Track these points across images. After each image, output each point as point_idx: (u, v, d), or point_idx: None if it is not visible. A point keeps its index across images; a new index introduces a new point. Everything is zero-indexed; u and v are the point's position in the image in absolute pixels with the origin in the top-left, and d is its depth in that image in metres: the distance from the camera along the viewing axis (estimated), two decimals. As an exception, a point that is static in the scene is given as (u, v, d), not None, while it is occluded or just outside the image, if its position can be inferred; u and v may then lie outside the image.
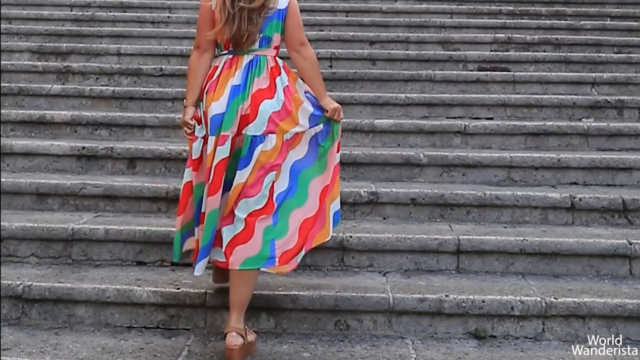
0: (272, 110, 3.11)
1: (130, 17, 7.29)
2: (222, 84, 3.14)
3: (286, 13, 3.21)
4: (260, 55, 3.19)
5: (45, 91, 5.68)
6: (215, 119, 3.10)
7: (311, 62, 3.27)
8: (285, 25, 3.22)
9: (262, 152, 3.07)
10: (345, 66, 6.26)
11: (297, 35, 3.24)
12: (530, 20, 7.38)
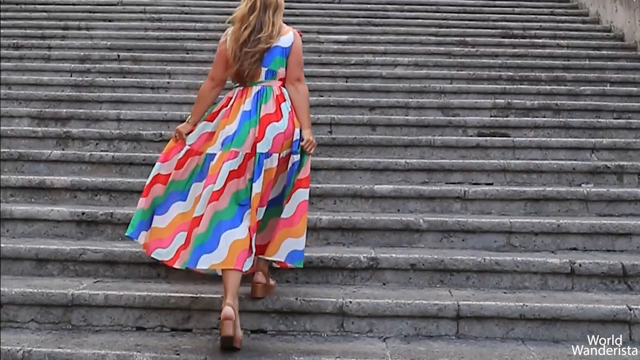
0: (278, 131, 3.87)
1: (130, 82, 7.59)
2: (235, 110, 3.92)
3: (289, 51, 4.01)
4: (267, 86, 3.96)
5: (45, 157, 5.91)
6: (227, 139, 3.85)
7: (303, 96, 4.04)
8: (287, 61, 4.00)
9: (265, 170, 3.81)
10: (345, 131, 6.52)
11: (295, 72, 4.03)
12: (530, 86, 7.68)
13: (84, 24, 9.29)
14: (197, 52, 8.46)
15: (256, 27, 3.93)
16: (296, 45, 4.03)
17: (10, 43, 8.59)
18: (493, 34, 9.28)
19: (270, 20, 3.97)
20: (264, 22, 3.95)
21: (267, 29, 3.94)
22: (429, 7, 10.30)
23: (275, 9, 4.01)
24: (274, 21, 3.98)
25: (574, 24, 9.84)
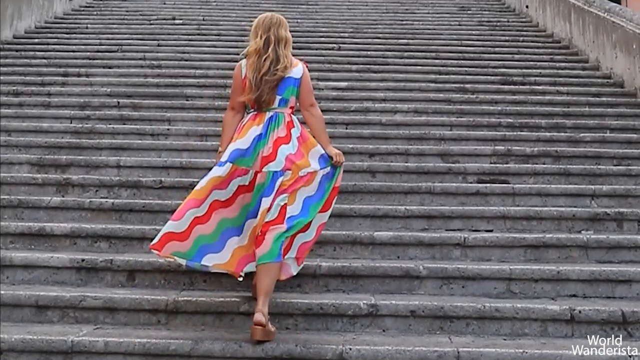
0: (289, 152, 4.43)
1: (130, 129, 7.78)
2: (246, 129, 4.49)
3: (300, 81, 4.63)
4: (279, 113, 4.55)
5: (45, 203, 6.05)
6: (235, 152, 4.39)
7: (318, 119, 4.71)
8: (299, 90, 4.63)
9: (282, 183, 4.35)
10: (345, 178, 6.59)
11: (308, 98, 4.68)
12: (529, 133, 7.88)
13: (84, 70, 9.52)
14: (197, 99, 8.67)
15: (274, 59, 4.53)
16: (306, 76, 4.68)
17: (10, 90, 8.80)
18: (493, 80, 9.51)
19: (283, 53, 4.59)
20: (279, 55, 4.56)
21: (282, 60, 4.54)
22: (428, 53, 10.56)
23: (286, 43, 4.64)
24: (287, 54, 4.61)
25: (574, 71, 10.09)
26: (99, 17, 12.56)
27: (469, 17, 13.05)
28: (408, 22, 12.55)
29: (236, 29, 11.68)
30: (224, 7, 13.51)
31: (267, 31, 4.64)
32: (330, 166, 4.57)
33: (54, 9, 12.47)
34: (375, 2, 14.30)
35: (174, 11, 12.96)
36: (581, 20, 10.94)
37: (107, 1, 13.89)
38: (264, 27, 4.65)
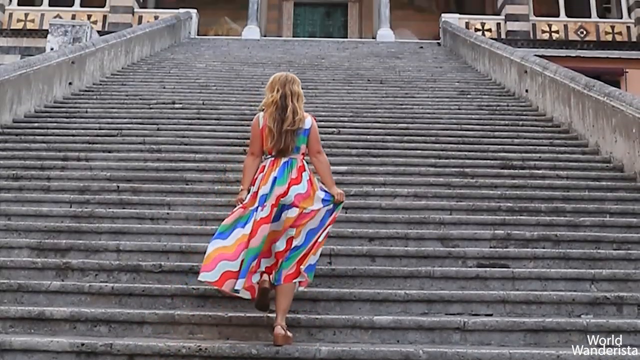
0: (298, 192, 5.43)
1: (130, 213, 8.05)
2: (267, 176, 5.48)
3: (310, 131, 5.63)
4: (293, 159, 5.56)
5: (45, 287, 6.28)
6: (262, 197, 5.43)
7: (325, 164, 5.71)
8: (308, 139, 5.62)
9: (287, 218, 5.39)
10: (345, 262, 6.92)
11: (316, 146, 5.68)
12: (529, 217, 8.16)
13: (84, 154, 9.88)
14: (196, 183, 8.99)
15: (292, 112, 5.51)
16: (314, 127, 5.69)
17: (10, 174, 9.14)
18: (492, 164, 9.85)
19: (298, 107, 5.56)
20: (296, 109, 5.53)
21: (299, 114, 5.53)
22: (427, 137, 10.95)
23: (299, 97, 5.61)
24: (301, 107, 5.58)
25: (574, 155, 10.45)
26: (98, 102, 13.04)
27: (469, 102, 13.54)
28: (408, 106, 13.02)
29: (236, 113, 12.13)
30: (224, 92, 14.01)
31: (283, 87, 5.58)
32: (332, 203, 5.56)
33: (53, 94, 12.95)
34: (375, 86, 14.84)
35: (174, 95, 13.45)
36: (581, 104, 11.35)
37: (106, 85, 14.44)
38: (280, 82, 5.61)
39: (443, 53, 20.48)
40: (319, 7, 31.72)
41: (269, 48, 20.72)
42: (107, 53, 15.60)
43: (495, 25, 24.38)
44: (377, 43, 22.87)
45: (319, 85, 14.58)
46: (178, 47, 20.44)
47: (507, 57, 15.09)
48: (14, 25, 24.04)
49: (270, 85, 5.67)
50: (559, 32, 24.06)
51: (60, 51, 14.10)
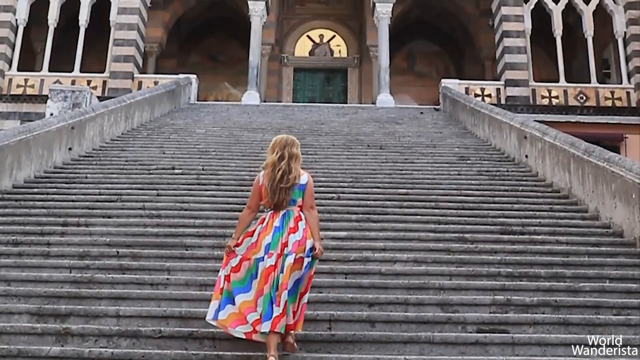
0: (295, 239, 6.22)
1: (130, 279, 8.21)
2: (269, 227, 6.29)
3: (305, 187, 6.41)
4: (290, 210, 6.37)
5: (45, 353, 6.41)
6: (266, 247, 6.21)
7: (315, 219, 6.48)
8: (304, 194, 6.40)
9: (287, 264, 6.11)
10: (344, 328, 7.06)
11: (309, 201, 6.45)
12: (529, 282, 8.31)
13: (83, 220, 10.08)
14: (196, 249, 9.17)
15: (287, 170, 6.30)
16: (309, 184, 6.46)
17: (10, 239, 9.32)
18: (492, 230, 10.04)
19: (294, 166, 6.36)
20: (291, 167, 6.33)
21: (294, 172, 6.32)
22: (427, 203, 11.17)
23: (296, 158, 6.41)
24: (297, 167, 6.37)
25: (573, 220, 10.64)
26: (98, 167, 13.31)
27: (469, 167, 13.82)
28: (407, 172, 13.28)
29: (235, 178, 12.38)
30: (223, 157, 14.30)
31: (282, 149, 6.41)
32: (311, 257, 6.28)
33: (53, 159, 13.22)
34: (375, 151, 15.13)
35: (174, 161, 13.73)
36: (580, 169, 11.59)
37: (106, 151, 14.74)
38: (280, 145, 6.45)
39: (443, 118, 20.87)
40: (319, 72, 32.38)
41: (268, 113, 21.12)
42: (106, 118, 15.93)
43: (495, 90, 24.86)
44: (377, 108, 23.30)
45: (319, 151, 14.87)
46: (178, 113, 20.84)
47: (506, 123, 15.41)
48: (13, 91, 24.55)
49: (271, 147, 6.49)
50: (558, 97, 24.53)
51: (60, 117, 14.42)
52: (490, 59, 28.67)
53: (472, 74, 29.43)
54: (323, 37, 32.98)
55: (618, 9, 25.49)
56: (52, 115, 17.67)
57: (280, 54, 32.20)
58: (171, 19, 30.12)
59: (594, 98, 24.37)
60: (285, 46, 32.69)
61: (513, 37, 25.26)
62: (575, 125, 22.22)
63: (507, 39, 25.24)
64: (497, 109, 17.03)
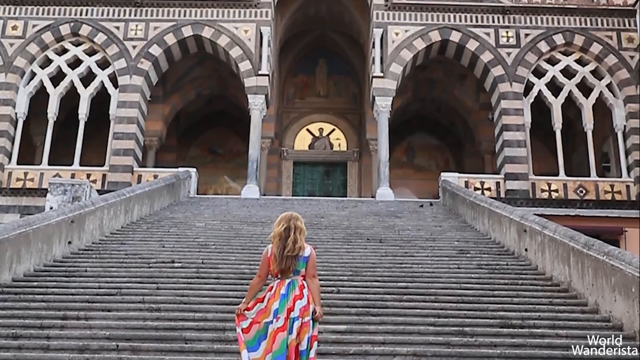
0: (301, 305, 7.06)
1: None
2: (277, 294, 7.11)
3: (308, 259, 7.27)
4: (294, 279, 7.19)
5: None
6: (275, 311, 7.04)
7: (316, 286, 7.28)
8: (307, 264, 7.25)
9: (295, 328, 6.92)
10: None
11: (312, 271, 7.29)
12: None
13: (83, 313, 10.29)
14: (195, 342, 9.36)
15: (292, 240, 7.17)
16: (312, 255, 7.32)
17: (9, 333, 9.51)
18: (492, 323, 10.24)
19: (299, 237, 7.23)
20: (296, 239, 7.20)
21: (299, 242, 7.20)
22: (427, 296, 11.39)
23: (301, 231, 7.28)
24: (301, 239, 7.25)
25: (573, 314, 10.83)
26: (98, 261, 13.57)
27: (468, 260, 14.08)
28: (407, 265, 13.54)
29: (235, 272, 12.64)
30: (223, 251, 14.58)
31: (287, 222, 7.29)
32: (312, 320, 7.12)
33: (53, 253, 13.47)
34: (374, 245, 15.42)
35: (173, 254, 14.00)
36: (580, 263, 11.82)
37: (106, 244, 15.02)
38: (285, 218, 7.33)
39: (442, 212, 21.25)
40: (318, 166, 32.97)
41: (268, 207, 21.49)
42: (106, 212, 16.26)
43: (494, 184, 25.34)
44: (376, 202, 23.72)
45: (318, 244, 15.12)
46: (177, 206, 21.23)
47: (506, 216, 15.74)
48: (13, 184, 25.10)
49: (278, 221, 7.37)
50: (558, 191, 25.01)
51: (59, 210, 14.72)
52: (490, 152, 29.30)
53: (472, 167, 30.05)
54: (323, 130, 33.77)
55: (618, 102, 26.27)
56: (51, 209, 18.03)
57: (279, 147, 32.92)
58: (171, 112, 30.91)
59: (594, 191, 24.86)
60: (285, 139, 33.42)
61: (513, 130, 25.94)
62: (574, 218, 22.61)
63: (507, 132, 25.92)
64: (496, 203, 17.39)
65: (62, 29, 26.87)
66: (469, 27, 27.01)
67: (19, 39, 26.69)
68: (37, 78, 26.62)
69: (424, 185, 30.69)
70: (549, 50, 26.75)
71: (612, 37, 26.77)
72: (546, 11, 27.24)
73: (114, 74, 26.55)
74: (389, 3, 27.20)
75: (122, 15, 27.15)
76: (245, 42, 26.90)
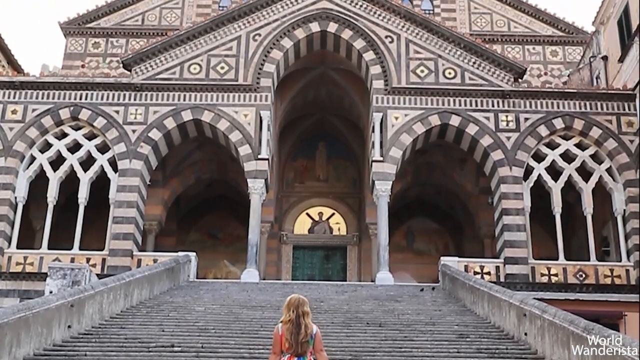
0: None
1: None
2: None
3: (315, 337, 8.31)
4: (303, 356, 8.15)
5: None
6: None
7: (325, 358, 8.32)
8: (314, 342, 8.28)
9: None
10: None
11: (319, 346, 8.33)
12: None
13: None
14: None
15: (304, 327, 8.21)
16: (318, 334, 8.37)
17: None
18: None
19: (307, 322, 8.27)
20: (307, 325, 8.25)
21: (309, 328, 8.25)
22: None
23: (307, 315, 8.28)
24: (309, 322, 8.28)
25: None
26: (97, 345, 13.77)
27: (468, 345, 14.28)
28: (407, 350, 13.74)
29: (235, 356, 12.83)
30: (223, 335, 14.79)
31: (297, 308, 8.30)
32: None
33: (52, 337, 13.63)
34: (374, 329, 15.63)
35: (173, 338, 14.21)
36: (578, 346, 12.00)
37: (105, 328, 15.23)
38: (294, 305, 8.33)
39: (442, 296, 21.46)
40: (318, 250, 33.22)
41: (267, 291, 21.71)
42: (106, 296, 16.48)
43: (494, 268, 25.57)
44: (376, 286, 23.92)
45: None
46: (177, 290, 21.44)
47: (506, 300, 15.96)
48: (12, 269, 25.41)
49: (287, 306, 8.37)
50: (558, 275, 25.23)
51: (59, 294, 14.92)
52: (489, 236, 29.56)
53: (472, 251, 30.30)
54: (322, 214, 34.15)
55: (617, 186, 26.62)
56: (51, 293, 18.21)
57: (279, 231, 33.23)
58: (170, 196, 31.31)
59: (593, 276, 25.07)
60: (285, 224, 33.77)
61: (512, 214, 26.25)
62: (574, 303, 22.81)
63: (507, 217, 26.23)
64: (496, 287, 17.61)
65: (61, 113, 27.43)
66: (469, 111, 27.53)
67: (18, 123, 27.23)
68: (37, 162, 27.08)
69: (424, 270, 30.90)
70: (548, 134, 27.18)
71: (612, 121, 27.20)
72: (546, 95, 27.79)
73: (114, 158, 27.01)
74: (388, 87, 27.85)
75: (122, 100, 27.72)
76: (245, 126, 27.39)
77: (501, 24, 37.59)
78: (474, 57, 28.28)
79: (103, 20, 37.34)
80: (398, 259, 30.60)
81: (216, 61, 28.31)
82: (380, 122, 27.45)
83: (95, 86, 27.88)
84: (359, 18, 28.89)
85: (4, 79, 28.11)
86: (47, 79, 28.13)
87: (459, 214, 33.36)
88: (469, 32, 35.31)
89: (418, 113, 27.51)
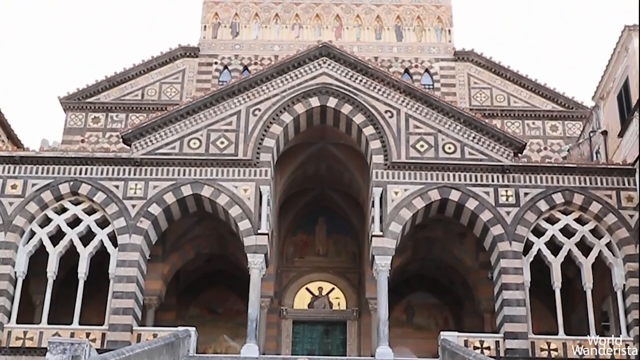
0: None
1: None
2: None
3: None
4: None
5: None
6: None
7: None
8: None
9: None
10: None
11: None
12: None
13: None
14: None
15: None
16: None
17: None
18: None
19: None
20: None
21: None
22: None
23: None
24: None
25: None
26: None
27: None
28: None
29: None
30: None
31: None
32: None
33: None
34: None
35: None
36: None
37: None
38: None
39: (442, 371, 21.93)
40: (318, 325, 33.61)
41: (267, 366, 22.16)
42: (107, 370, 17.09)
43: (494, 343, 25.95)
44: (376, 361, 24.29)
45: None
46: (177, 368, 21.91)
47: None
48: (12, 343, 25.90)
49: None
50: (557, 350, 25.53)
51: (61, 370, 15.57)
52: (489, 310, 29.93)
53: (471, 325, 30.72)
54: (322, 289, 34.58)
55: (617, 261, 27.14)
56: (52, 368, 18.74)
57: (279, 306, 33.61)
58: (170, 271, 31.77)
59: (593, 351, 25.28)
60: (285, 298, 34.16)
61: (512, 289, 26.67)
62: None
63: (506, 291, 26.65)
64: (495, 362, 18.16)
65: (61, 188, 28.04)
66: (469, 186, 28.09)
67: (18, 197, 27.83)
68: (37, 237, 27.64)
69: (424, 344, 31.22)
70: (548, 209, 27.73)
71: (612, 196, 27.76)
72: (545, 170, 28.37)
73: (114, 233, 27.54)
74: (388, 162, 28.45)
75: (122, 174, 28.34)
76: (245, 201, 27.89)
77: (501, 99, 38.32)
78: (474, 131, 28.95)
79: (103, 95, 38.08)
80: (398, 334, 30.90)
81: (216, 136, 28.99)
82: (380, 196, 27.93)
83: (95, 161, 28.49)
84: (359, 93, 29.67)
85: (4, 154, 28.86)
86: (46, 153, 28.88)
87: (459, 289, 33.78)
88: (469, 106, 36.20)
89: (418, 188, 28.01)
